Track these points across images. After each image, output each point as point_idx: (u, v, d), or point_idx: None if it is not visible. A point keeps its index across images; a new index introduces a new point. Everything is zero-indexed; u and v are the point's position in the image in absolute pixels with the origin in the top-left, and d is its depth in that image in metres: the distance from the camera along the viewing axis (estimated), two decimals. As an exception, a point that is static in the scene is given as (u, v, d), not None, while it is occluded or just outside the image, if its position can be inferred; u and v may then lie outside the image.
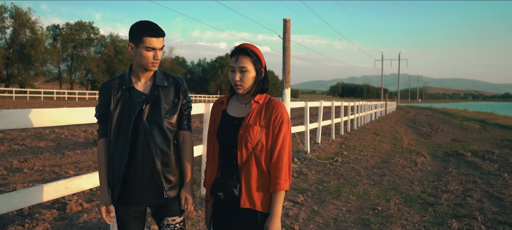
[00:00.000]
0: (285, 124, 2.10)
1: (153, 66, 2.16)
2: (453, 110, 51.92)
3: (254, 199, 2.07)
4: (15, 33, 54.47)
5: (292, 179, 6.96)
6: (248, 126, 2.08)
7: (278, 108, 2.12)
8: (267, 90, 2.21)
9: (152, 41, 2.12)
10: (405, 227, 4.53)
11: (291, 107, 8.94)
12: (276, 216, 2.05)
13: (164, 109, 2.17)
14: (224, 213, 2.15)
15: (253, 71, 2.12)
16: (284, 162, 2.07)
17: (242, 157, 2.08)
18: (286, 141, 2.09)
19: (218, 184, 2.12)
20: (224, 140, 2.15)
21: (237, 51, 2.13)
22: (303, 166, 8.37)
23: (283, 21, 8.74)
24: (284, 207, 5.17)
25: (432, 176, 7.65)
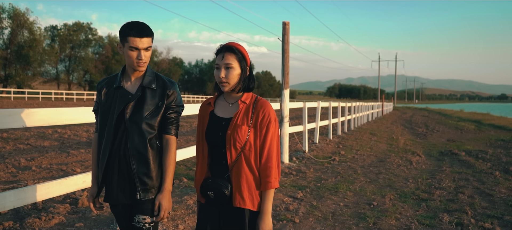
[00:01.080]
0: (273, 123, 2.14)
1: (139, 66, 2.18)
2: (449, 111, 52.34)
3: (245, 198, 2.10)
4: (13, 33, 54.53)
5: (291, 177, 7.23)
6: (236, 126, 2.11)
7: (265, 108, 2.15)
8: (252, 89, 2.23)
9: (135, 41, 2.12)
10: (399, 220, 4.80)
11: (289, 108, 9.19)
12: (267, 214, 2.09)
13: (146, 111, 2.18)
14: (214, 212, 2.17)
15: (238, 68, 2.14)
16: (274, 161, 2.11)
17: (231, 157, 2.11)
18: (274, 140, 2.13)
19: (208, 183, 2.14)
20: (212, 140, 2.17)
21: (223, 49, 2.16)
22: (301, 165, 8.63)
23: (283, 24, 9.01)
24: (285, 202, 5.43)
25: (426, 174, 7.93)
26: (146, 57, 2.17)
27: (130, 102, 2.17)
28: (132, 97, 2.18)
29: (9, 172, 6.85)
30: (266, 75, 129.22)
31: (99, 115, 2.24)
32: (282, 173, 7.57)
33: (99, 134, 2.25)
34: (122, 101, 2.18)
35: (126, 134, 2.16)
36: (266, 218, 2.09)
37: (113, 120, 2.17)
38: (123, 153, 2.17)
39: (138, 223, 2.19)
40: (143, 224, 2.18)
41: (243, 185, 2.10)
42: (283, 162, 8.67)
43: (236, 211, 2.11)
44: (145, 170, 2.17)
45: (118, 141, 2.17)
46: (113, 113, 2.18)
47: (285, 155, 8.78)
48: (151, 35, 2.18)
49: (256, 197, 2.11)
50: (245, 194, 2.09)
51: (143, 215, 2.19)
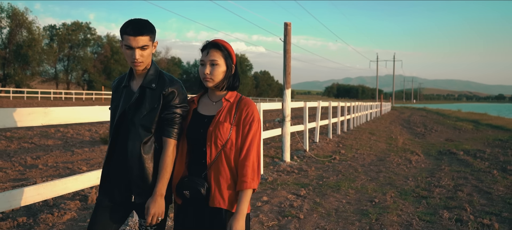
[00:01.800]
0: (256, 122, 2.09)
1: (135, 66, 2.11)
2: (447, 111, 52.61)
3: (223, 197, 2.04)
4: (12, 33, 54.49)
5: (293, 175, 7.36)
6: (218, 123, 2.07)
7: (248, 107, 2.10)
8: (237, 88, 2.19)
9: (129, 40, 2.05)
10: (401, 216, 4.94)
11: (291, 107, 9.33)
12: (241, 215, 2.00)
13: (144, 112, 2.12)
14: (190, 212, 2.11)
15: (224, 65, 2.11)
16: (252, 160, 2.04)
17: (211, 155, 2.06)
18: (255, 139, 2.08)
19: (184, 182, 2.08)
20: (193, 137, 2.12)
21: (209, 45, 2.12)
22: (303, 163, 8.77)
23: (284, 24, 9.14)
24: (289, 199, 5.56)
25: (426, 172, 8.08)
26: (143, 56, 2.09)
27: (131, 102, 2.13)
28: (133, 97, 2.14)
29: (17, 170, 6.97)
30: (264, 75, 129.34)
31: (111, 114, 2.26)
32: (284, 171, 7.71)
33: (109, 133, 2.24)
34: (126, 101, 2.15)
35: (126, 135, 2.13)
36: (239, 219, 1.99)
37: (115, 119, 2.16)
38: (122, 153, 2.14)
39: (141, 226, 2.18)
40: (145, 228, 2.16)
41: (223, 184, 2.04)
42: (285, 161, 8.80)
43: (213, 211, 2.05)
44: (139, 173, 2.11)
45: (120, 141, 2.15)
46: (116, 112, 2.17)
47: (287, 154, 8.91)
48: (149, 33, 2.09)
49: (234, 198, 2.06)
50: (224, 194, 2.04)
51: (144, 219, 2.17)
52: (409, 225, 4.61)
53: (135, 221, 4.08)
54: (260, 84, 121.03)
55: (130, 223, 4.09)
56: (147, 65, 2.16)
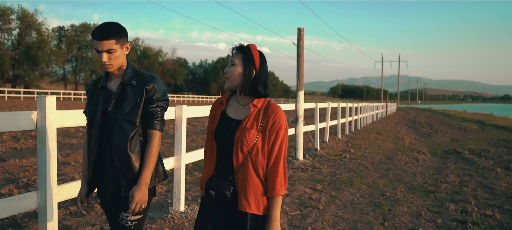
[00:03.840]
0: (283, 130, 2.09)
1: (104, 68, 2.19)
2: (452, 112, 52.86)
3: (250, 202, 2.07)
4: (22, 34, 55.46)
5: (308, 172, 7.84)
6: (245, 130, 2.07)
7: (276, 114, 2.09)
8: (262, 95, 2.16)
9: (96, 44, 2.13)
10: (411, 208, 5.42)
11: (305, 108, 9.82)
12: (275, 221, 2.06)
13: (126, 107, 2.19)
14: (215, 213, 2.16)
15: (240, 67, 2.10)
16: (280, 168, 2.07)
17: (238, 160, 2.08)
18: (282, 147, 2.09)
19: (212, 182, 2.12)
20: (220, 141, 2.15)
21: (235, 47, 2.17)
22: (315, 161, 9.25)
23: (297, 30, 9.63)
24: (307, 193, 6.06)
25: (432, 170, 8.54)
26: (111, 59, 2.15)
27: (111, 100, 2.20)
28: (113, 95, 2.21)
29: (51, 166, 7.50)
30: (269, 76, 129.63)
31: (88, 116, 2.32)
32: (299, 169, 8.20)
33: (88, 135, 2.31)
34: (105, 100, 2.22)
35: (110, 132, 2.20)
36: (274, 225, 2.06)
37: (98, 119, 2.22)
38: (108, 150, 2.21)
39: (122, 220, 2.23)
40: (126, 221, 2.21)
41: (249, 189, 2.06)
42: (298, 159, 9.29)
43: (238, 214, 2.09)
44: (127, 166, 2.19)
45: (105, 139, 2.22)
46: (97, 113, 2.23)
47: (300, 152, 9.40)
48: (116, 37, 2.14)
49: (263, 202, 2.09)
50: (250, 199, 2.06)
51: (126, 212, 2.22)
52: (419, 215, 5.09)
53: None
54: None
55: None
56: (122, 65, 2.24)
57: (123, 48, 2.21)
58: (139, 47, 79.01)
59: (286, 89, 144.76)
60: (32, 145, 10.10)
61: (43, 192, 3.01)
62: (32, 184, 6.03)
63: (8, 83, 55.35)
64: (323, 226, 4.55)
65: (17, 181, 6.18)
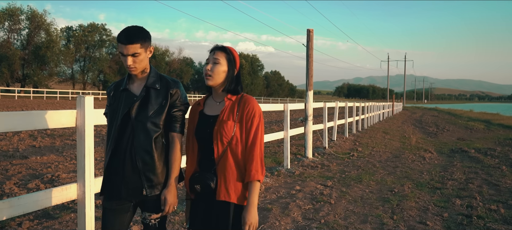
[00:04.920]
0: (257, 117, 2.20)
1: (130, 70, 2.26)
2: (458, 111, 52.80)
3: (230, 191, 2.14)
4: (31, 34, 56.06)
5: (317, 169, 8.10)
6: (222, 122, 2.18)
7: (249, 103, 2.22)
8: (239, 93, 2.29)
9: (121, 47, 2.20)
10: (418, 203, 5.66)
11: (313, 107, 10.07)
12: (252, 206, 2.12)
13: (151, 110, 2.25)
14: (201, 207, 2.23)
15: (225, 66, 2.22)
16: (256, 153, 2.16)
17: (218, 151, 2.17)
18: (258, 133, 2.19)
19: (195, 177, 2.20)
20: (201, 137, 2.24)
21: (216, 47, 2.27)
22: (324, 159, 9.50)
23: (307, 31, 9.89)
24: (318, 189, 6.32)
25: (439, 168, 8.76)
26: (135, 62, 2.23)
27: (135, 102, 2.25)
28: (137, 98, 2.26)
29: (72, 163, 7.82)
30: (275, 75, 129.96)
31: (108, 117, 2.36)
32: (309, 166, 8.45)
33: (107, 136, 2.36)
34: (127, 102, 2.26)
35: (133, 133, 2.24)
36: (252, 210, 2.12)
37: (118, 121, 2.26)
38: (129, 151, 2.24)
39: (145, 219, 2.29)
40: (149, 221, 2.27)
41: (229, 178, 2.15)
42: (308, 157, 9.54)
43: (221, 205, 2.16)
44: (150, 167, 2.24)
45: (125, 141, 2.25)
46: (118, 114, 2.27)
47: (309, 150, 9.65)
48: (140, 41, 2.21)
49: (241, 192, 2.17)
50: (230, 188, 2.14)
51: (149, 212, 2.28)
52: (426, 209, 5.34)
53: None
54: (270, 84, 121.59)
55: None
56: (145, 68, 2.32)
57: (147, 51, 2.28)
58: (146, 47, 79.53)
59: (292, 89, 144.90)
60: (49, 143, 10.44)
61: (82, 183, 3.29)
62: (56, 180, 6.34)
63: (17, 83, 56.00)
64: (335, 219, 4.81)
65: (42, 177, 6.49)
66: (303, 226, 4.55)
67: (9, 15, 54.10)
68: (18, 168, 7.16)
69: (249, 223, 2.10)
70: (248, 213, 2.10)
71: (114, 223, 2.29)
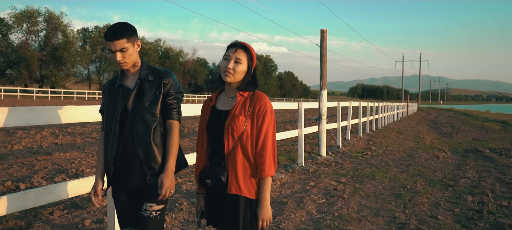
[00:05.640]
0: (269, 114, 2.24)
1: (120, 66, 2.32)
2: (475, 112, 52.17)
3: (240, 185, 2.18)
4: (48, 36, 57.23)
5: (331, 167, 8.26)
6: (234, 117, 2.21)
7: (261, 100, 2.25)
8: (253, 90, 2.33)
9: (109, 45, 2.26)
10: (430, 199, 5.80)
11: (327, 107, 10.23)
12: (265, 201, 2.18)
13: (146, 101, 2.32)
14: (213, 201, 2.27)
15: (245, 66, 2.26)
16: (268, 149, 2.20)
17: (229, 146, 2.20)
18: (269, 130, 2.23)
19: (206, 172, 2.24)
20: (212, 132, 2.29)
21: (237, 44, 2.29)
22: (338, 158, 9.65)
23: (321, 31, 10.05)
24: (332, 185, 6.50)
25: (452, 167, 8.84)
26: (124, 57, 2.28)
27: (130, 95, 2.33)
28: (131, 91, 2.33)
29: (93, 159, 8.12)
30: (288, 76, 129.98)
31: (105, 114, 2.42)
32: (322, 164, 8.62)
33: (106, 132, 2.41)
34: (124, 97, 2.34)
35: (132, 126, 2.31)
36: (265, 206, 2.17)
37: (117, 116, 2.32)
38: (130, 143, 2.31)
39: (145, 211, 2.31)
40: (150, 212, 2.30)
41: (239, 172, 2.18)
42: (322, 155, 9.71)
43: (232, 198, 2.19)
44: (151, 156, 2.31)
45: (125, 134, 2.32)
46: (117, 110, 2.34)
47: (323, 149, 9.81)
48: (126, 36, 2.26)
49: (253, 185, 2.21)
50: (240, 182, 2.18)
51: (150, 202, 2.31)
52: (438, 205, 5.47)
53: None
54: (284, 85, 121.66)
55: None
56: (136, 63, 2.38)
57: (135, 45, 2.33)
58: (160, 48, 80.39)
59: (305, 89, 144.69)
60: (70, 140, 10.79)
61: (112, 174, 3.53)
62: (80, 174, 6.63)
63: (35, 83, 57.22)
64: (348, 213, 4.99)
65: (67, 172, 6.80)
66: (317, 218, 4.75)
67: (27, 17, 55.32)
68: (44, 163, 7.48)
69: (263, 218, 2.17)
70: (261, 209, 2.16)
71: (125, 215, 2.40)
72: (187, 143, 11.28)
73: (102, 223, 4.20)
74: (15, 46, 54.67)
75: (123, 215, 2.41)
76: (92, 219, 4.35)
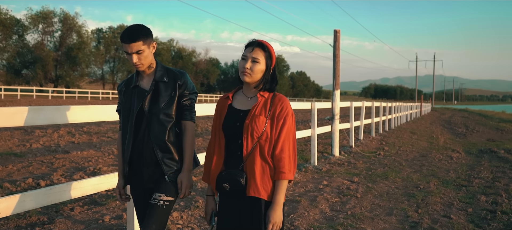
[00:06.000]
0: (289, 117, 2.20)
1: (136, 67, 2.37)
2: (490, 112, 51.45)
3: (259, 187, 2.14)
4: (63, 36, 58.12)
5: (344, 167, 8.30)
6: (254, 116, 2.17)
7: (283, 102, 2.22)
8: (274, 90, 2.30)
9: (125, 47, 2.30)
10: (443, 198, 5.82)
11: (340, 107, 10.26)
12: (278, 205, 2.13)
13: (162, 102, 2.37)
14: (230, 204, 2.22)
15: (264, 65, 2.21)
16: (288, 152, 2.16)
17: (247, 147, 2.16)
18: (290, 132, 2.19)
19: (223, 176, 2.19)
20: (229, 131, 2.22)
21: (254, 43, 2.24)
22: (350, 158, 9.69)
23: (334, 32, 10.09)
24: (345, 184, 6.55)
25: (466, 167, 8.81)
26: (140, 59, 2.33)
27: (146, 97, 2.37)
28: (147, 92, 2.39)
29: (110, 158, 8.29)
30: (301, 76, 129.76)
31: (121, 114, 2.48)
32: (335, 164, 8.67)
33: (123, 131, 2.47)
34: (140, 98, 2.38)
35: (148, 126, 2.36)
36: (277, 209, 2.13)
37: (133, 116, 2.37)
38: (146, 143, 2.37)
39: (154, 199, 2.35)
40: (158, 201, 2.34)
41: (258, 175, 2.14)
42: (334, 155, 9.75)
43: (252, 201, 2.15)
44: (169, 155, 2.37)
45: (141, 134, 2.37)
46: (133, 110, 2.39)
47: (336, 149, 9.85)
48: (142, 38, 2.30)
49: (270, 188, 2.17)
50: (260, 184, 2.14)
51: (159, 192, 2.36)
52: (451, 205, 5.49)
53: None
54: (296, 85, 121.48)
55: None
56: (151, 64, 2.43)
57: (150, 47, 2.37)
58: (173, 48, 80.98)
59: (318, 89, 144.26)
60: (86, 139, 11.01)
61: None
62: (98, 172, 6.80)
63: (50, 83, 58.14)
64: (361, 211, 5.04)
65: (85, 170, 6.97)
66: (330, 217, 4.82)
67: (43, 18, 56.24)
68: (62, 161, 7.68)
69: (274, 222, 2.11)
70: (273, 212, 2.12)
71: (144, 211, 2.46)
72: (201, 143, 11.42)
73: (121, 219, 4.32)
74: (31, 46, 55.63)
75: (142, 211, 2.48)
76: (111, 215, 4.49)
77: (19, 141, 10.04)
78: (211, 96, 64.86)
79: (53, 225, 4.09)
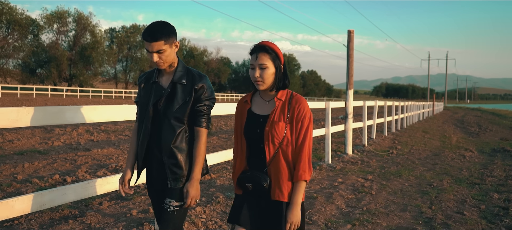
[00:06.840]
0: (307, 118, 2.21)
1: (157, 66, 2.32)
2: (503, 111, 50.92)
3: (283, 191, 2.18)
4: (77, 36, 58.96)
5: (358, 165, 8.45)
6: (273, 123, 2.18)
7: (300, 104, 2.22)
8: (287, 86, 2.28)
9: (147, 45, 2.23)
10: (456, 196, 5.95)
11: (353, 106, 10.41)
12: (296, 205, 2.16)
13: (176, 105, 2.30)
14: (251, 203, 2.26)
15: (272, 67, 2.19)
16: (304, 154, 2.18)
17: (270, 153, 2.19)
18: (307, 134, 2.20)
19: (247, 175, 2.23)
20: (251, 137, 2.25)
21: (256, 49, 2.21)
22: (363, 156, 9.83)
23: (348, 32, 10.23)
24: (360, 182, 6.72)
25: (479, 166, 8.90)
26: (161, 58, 2.26)
27: (162, 96, 2.32)
28: (164, 92, 2.33)
29: (129, 155, 8.56)
30: (311, 75, 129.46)
31: (139, 107, 2.45)
32: (349, 162, 8.83)
33: (139, 124, 2.45)
34: (156, 95, 2.34)
35: (160, 127, 2.31)
36: (295, 210, 2.16)
37: (149, 114, 2.34)
38: (156, 144, 2.33)
39: (166, 205, 2.33)
40: (169, 207, 2.32)
41: (282, 179, 2.18)
42: (348, 154, 9.90)
43: (274, 203, 2.20)
44: (174, 161, 2.30)
45: (154, 133, 2.34)
46: (149, 107, 2.35)
47: (349, 147, 10.00)
48: (164, 37, 2.23)
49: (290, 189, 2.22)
50: (284, 188, 2.18)
51: (170, 198, 2.32)
52: (464, 202, 5.63)
53: None
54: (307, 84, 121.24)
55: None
56: (173, 63, 2.35)
57: (172, 46, 2.29)
58: (185, 47, 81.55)
59: (329, 88, 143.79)
60: (104, 137, 11.31)
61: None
62: (120, 169, 7.05)
63: (64, 82, 59.04)
64: (376, 207, 5.21)
65: (107, 166, 7.23)
66: (346, 212, 5.00)
67: (57, 18, 57.11)
68: (84, 159, 7.96)
69: (291, 222, 2.15)
70: (291, 212, 2.15)
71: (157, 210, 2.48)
72: (215, 141, 11.65)
73: (148, 213, 4.55)
74: (45, 46, 56.54)
75: (157, 211, 2.49)
76: (138, 209, 4.72)
77: (41, 139, 10.36)
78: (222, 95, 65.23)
79: (84, 218, 4.33)
